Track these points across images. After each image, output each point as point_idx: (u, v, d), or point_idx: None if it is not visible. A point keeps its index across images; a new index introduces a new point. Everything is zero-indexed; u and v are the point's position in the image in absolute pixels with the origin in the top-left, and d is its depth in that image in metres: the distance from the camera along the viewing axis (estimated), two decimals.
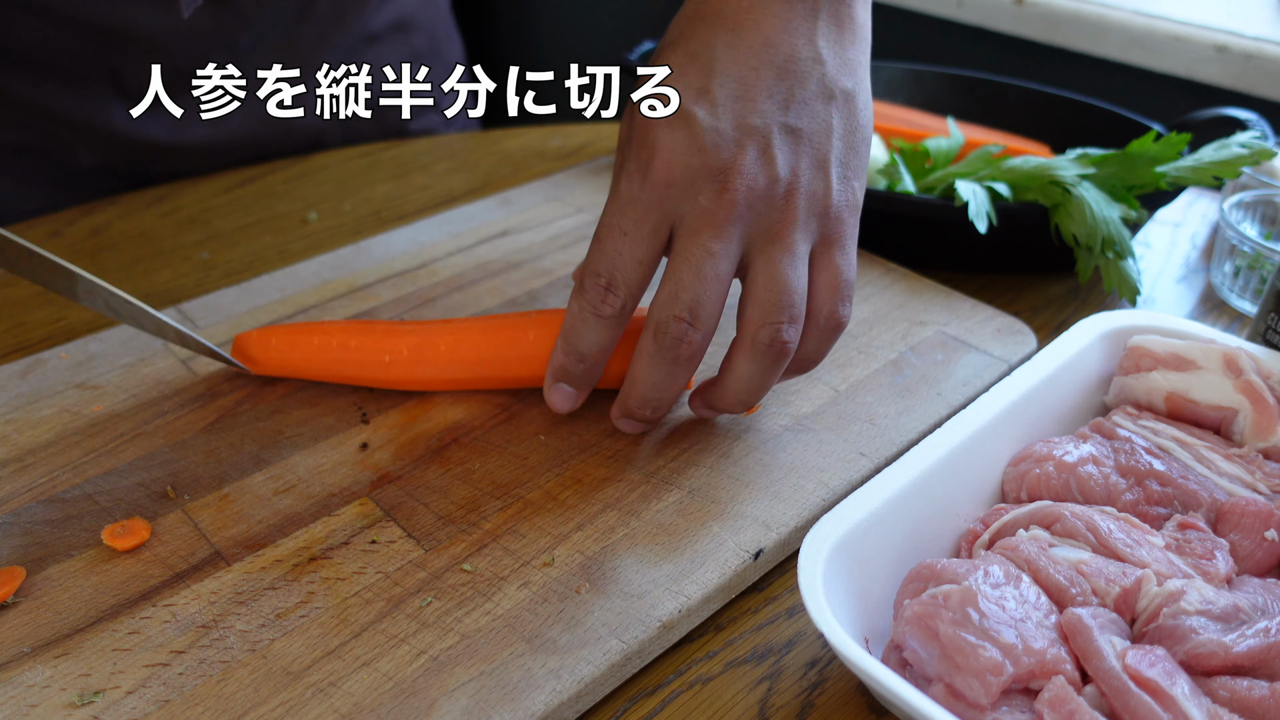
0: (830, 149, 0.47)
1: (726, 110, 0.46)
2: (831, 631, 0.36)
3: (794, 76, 0.47)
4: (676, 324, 0.45)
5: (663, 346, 0.46)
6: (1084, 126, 0.81)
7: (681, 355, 0.46)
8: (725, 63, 0.47)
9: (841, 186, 0.47)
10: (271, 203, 0.79)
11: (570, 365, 0.49)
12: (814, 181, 0.46)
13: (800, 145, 0.46)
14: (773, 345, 0.46)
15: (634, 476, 0.50)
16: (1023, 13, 1.08)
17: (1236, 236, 0.67)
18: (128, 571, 0.44)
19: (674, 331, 0.45)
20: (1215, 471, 0.47)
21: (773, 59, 0.47)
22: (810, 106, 0.47)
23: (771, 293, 0.46)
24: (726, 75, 0.46)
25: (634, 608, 0.43)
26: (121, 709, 0.38)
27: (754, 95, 0.46)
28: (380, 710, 0.38)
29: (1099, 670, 0.37)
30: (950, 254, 0.70)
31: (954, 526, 0.46)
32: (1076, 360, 0.52)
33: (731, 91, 0.46)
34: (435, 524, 0.47)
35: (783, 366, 0.47)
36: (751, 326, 0.46)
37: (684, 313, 0.45)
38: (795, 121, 0.46)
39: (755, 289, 0.46)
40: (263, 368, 0.55)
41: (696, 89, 0.46)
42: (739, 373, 0.47)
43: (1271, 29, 0.99)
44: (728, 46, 0.47)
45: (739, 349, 0.47)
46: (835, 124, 0.48)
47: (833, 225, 0.47)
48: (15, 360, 0.58)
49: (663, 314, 0.46)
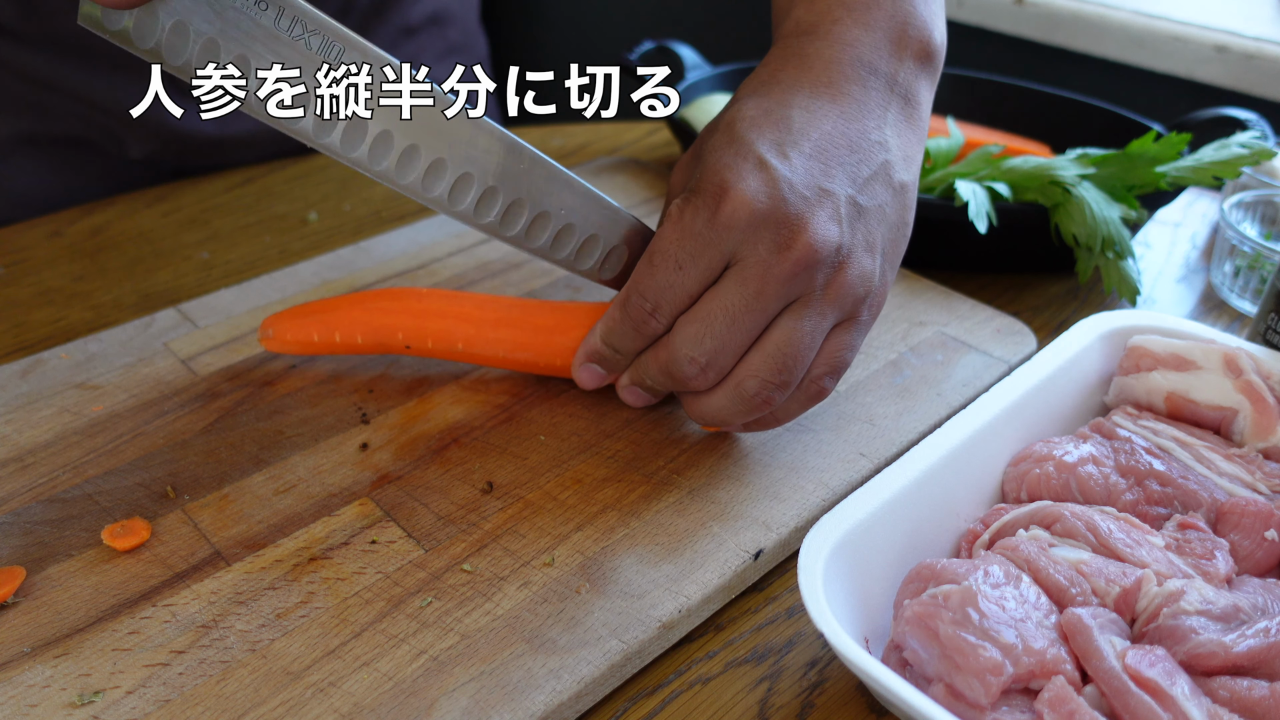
0: (881, 235, 0.47)
1: (802, 168, 0.45)
2: (831, 631, 0.36)
3: (862, 154, 0.47)
4: (691, 365, 0.45)
5: (671, 375, 0.47)
6: (1084, 126, 0.81)
7: (686, 387, 0.47)
8: (802, 125, 0.47)
9: (882, 275, 0.47)
10: (271, 203, 0.79)
11: (605, 355, 0.49)
12: (864, 260, 0.46)
13: (862, 221, 0.46)
14: (756, 397, 0.46)
15: (634, 477, 0.50)
16: (1023, 13, 1.08)
17: (1236, 236, 0.67)
18: (128, 571, 0.44)
19: (687, 368, 0.46)
20: (1215, 471, 0.47)
21: (846, 133, 0.47)
22: (873, 188, 0.47)
23: (782, 352, 0.45)
24: (803, 136, 0.46)
25: (634, 608, 0.43)
26: (121, 709, 0.38)
27: (828, 161, 0.46)
28: (380, 710, 0.38)
29: (1099, 670, 0.37)
30: (950, 254, 0.70)
31: (954, 526, 0.46)
32: (1076, 360, 0.52)
33: (808, 152, 0.46)
34: (435, 524, 0.47)
35: (756, 414, 0.47)
36: (746, 370, 0.46)
37: (702, 357, 0.45)
38: (860, 197, 0.46)
39: (769, 340, 0.45)
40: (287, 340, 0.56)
41: (774, 141, 0.46)
42: (713, 402, 0.47)
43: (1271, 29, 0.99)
44: (805, 111, 0.47)
45: (727, 384, 0.46)
46: (890, 213, 0.48)
47: (862, 309, 0.47)
48: (15, 360, 0.58)
49: (681, 350, 0.45)
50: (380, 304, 0.54)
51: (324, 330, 0.55)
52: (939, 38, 0.52)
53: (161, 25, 0.40)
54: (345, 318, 0.55)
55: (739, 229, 0.44)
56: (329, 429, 0.53)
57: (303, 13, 0.42)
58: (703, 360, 0.45)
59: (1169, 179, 0.66)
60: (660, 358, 0.47)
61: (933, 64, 0.52)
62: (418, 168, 0.46)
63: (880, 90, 0.49)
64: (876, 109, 0.49)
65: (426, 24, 0.93)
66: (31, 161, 0.81)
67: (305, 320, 0.55)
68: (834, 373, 0.48)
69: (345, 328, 0.54)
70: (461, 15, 0.98)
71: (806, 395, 0.48)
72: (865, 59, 0.49)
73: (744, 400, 0.46)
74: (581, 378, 0.51)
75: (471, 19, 1.00)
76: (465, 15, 0.99)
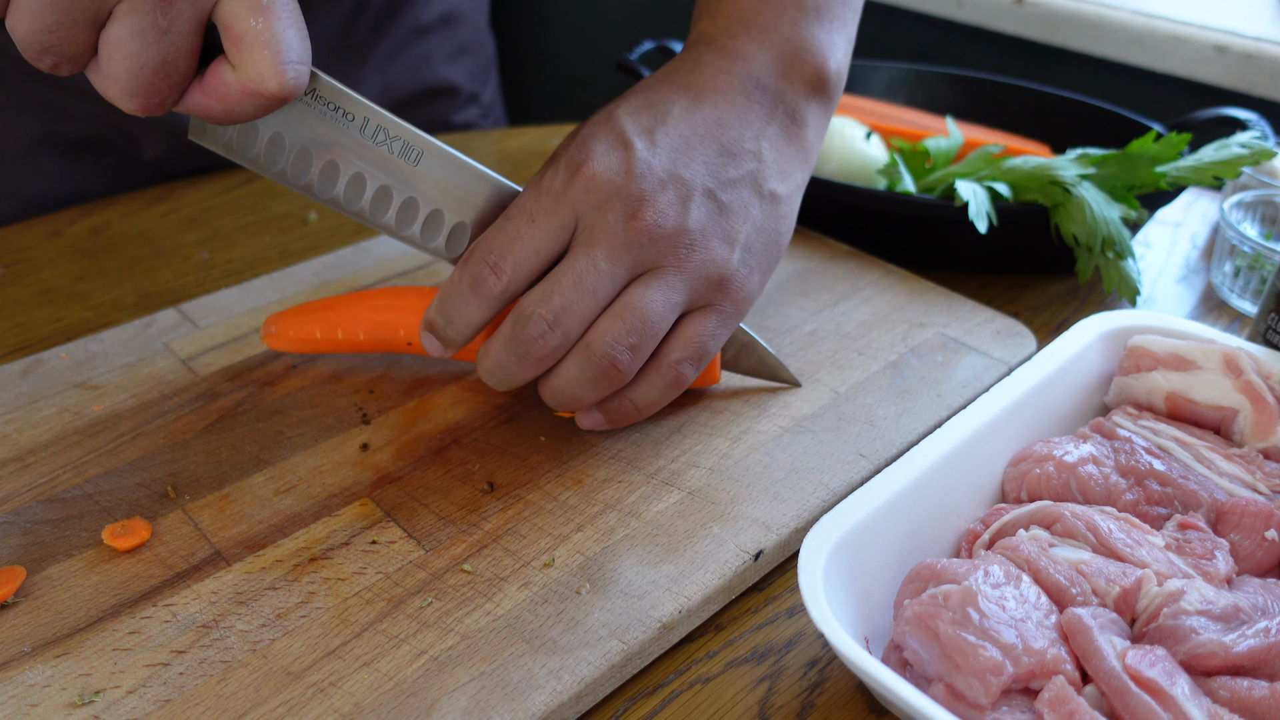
0: (744, 232, 0.49)
1: (663, 154, 0.48)
2: (831, 631, 0.36)
3: (732, 158, 0.49)
4: (538, 321, 0.46)
5: (517, 337, 0.46)
6: (1084, 126, 0.81)
7: (532, 352, 0.46)
8: (676, 120, 0.49)
9: (744, 270, 0.49)
10: (271, 203, 0.79)
11: (438, 326, 0.49)
12: (719, 248, 0.48)
13: (721, 215, 0.48)
14: (604, 358, 0.46)
15: (634, 478, 0.50)
16: (1023, 13, 1.08)
17: (1236, 236, 0.67)
18: (128, 571, 0.44)
19: (532, 328, 0.46)
20: (1215, 471, 0.47)
21: (719, 135, 0.50)
22: (739, 189, 0.49)
23: (628, 314, 0.46)
24: (674, 129, 0.49)
25: (634, 608, 0.43)
26: (122, 709, 0.38)
27: (692, 153, 0.48)
28: (380, 710, 0.38)
29: (1099, 670, 0.37)
30: (950, 254, 0.70)
31: (954, 526, 0.46)
32: (1076, 360, 0.52)
33: (673, 143, 0.48)
34: (436, 524, 0.47)
35: (607, 388, 0.47)
36: (594, 334, 0.46)
37: (549, 313, 0.45)
38: (720, 193, 0.49)
39: (616, 306, 0.46)
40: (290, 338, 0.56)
41: (644, 128, 0.48)
42: (564, 373, 0.47)
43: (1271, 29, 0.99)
44: (684, 109, 0.50)
45: (575, 350, 0.47)
46: (756, 215, 0.50)
47: (720, 297, 0.48)
48: (15, 360, 0.58)
49: (529, 307, 0.46)
50: (382, 301, 0.55)
51: (326, 328, 0.55)
52: (834, 66, 0.54)
53: (261, 137, 0.46)
54: (347, 315, 0.55)
55: (593, 195, 0.46)
56: (329, 429, 0.53)
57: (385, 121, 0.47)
58: (549, 316, 0.45)
59: (1169, 179, 0.66)
60: (505, 325, 0.47)
61: (825, 91, 0.53)
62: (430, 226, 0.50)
63: (764, 105, 0.51)
64: (756, 121, 0.51)
65: (438, 24, 0.94)
66: (48, 163, 0.81)
67: (308, 318, 0.55)
68: (693, 358, 0.48)
69: (347, 325, 0.55)
70: (472, 16, 0.99)
71: (665, 381, 0.49)
72: (754, 75, 0.51)
73: (593, 364, 0.46)
74: (423, 343, 0.51)
75: (481, 20, 1.01)
76: (475, 16, 0.99)
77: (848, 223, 0.71)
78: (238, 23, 0.40)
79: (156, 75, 0.41)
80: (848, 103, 0.85)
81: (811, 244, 0.70)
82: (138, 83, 0.41)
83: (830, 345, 0.60)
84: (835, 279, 0.66)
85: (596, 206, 0.46)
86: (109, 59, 0.40)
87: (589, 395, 0.48)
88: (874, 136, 0.77)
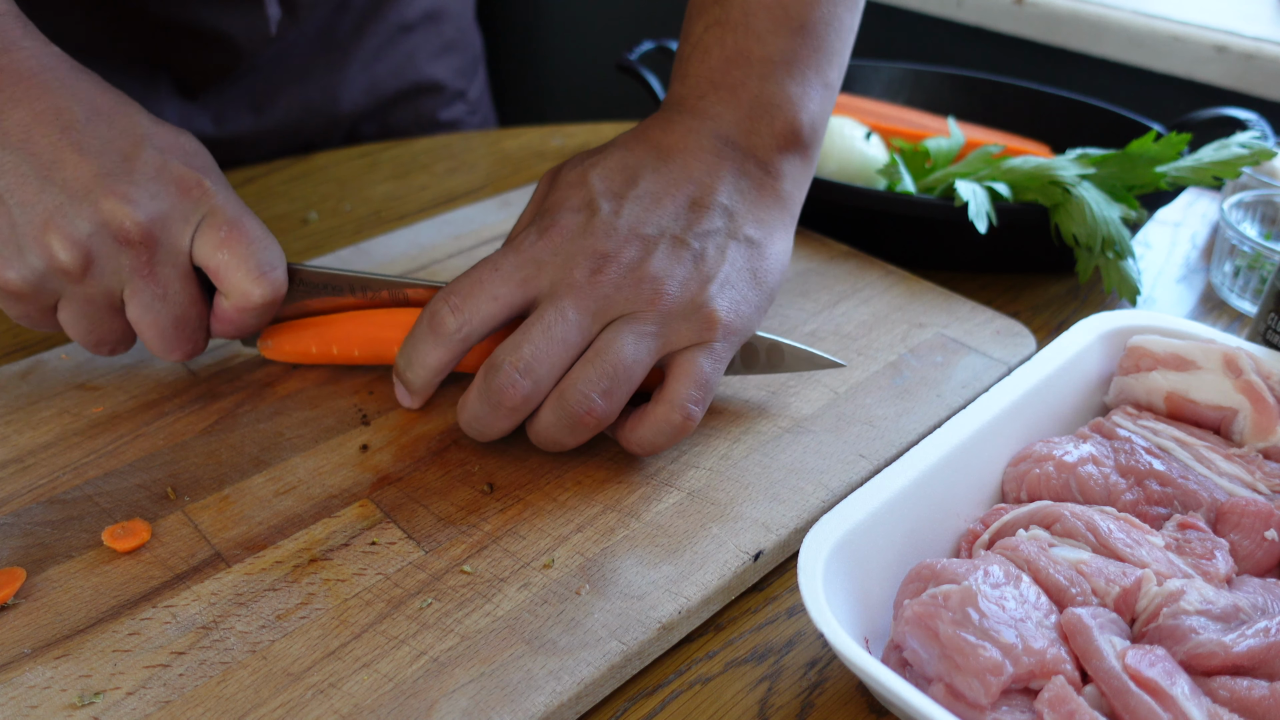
0: (721, 270, 0.49)
1: (629, 213, 0.49)
2: (831, 631, 0.36)
3: (702, 210, 0.50)
4: (509, 370, 0.46)
5: (490, 387, 0.47)
6: (1084, 126, 0.81)
7: (504, 402, 0.46)
8: (647, 181, 0.51)
9: (726, 304, 0.49)
10: (271, 203, 0.79)
11: (402, 371, 0.50)
12: (691, 287, 0.48)
13: (688, 257, 0.49)
14: (578, 404, 0.46)
15: (634, 478, 0.50)
16: (1023, 13, 1.08)
17: (1236, 236, 0.67)
18: (128, 573, 0.44)
19: (503, 377, 0.46)
20: (1215, 471, 0.47)
21: (689, 192, 0.51)
22: (712, 238, 0.50)
23: (599, 359, 0.46)
24: (644, 190, 0.50)
25: (634, 609, 0.43)
26: (122, 710, 0.38)
27: (660, 209, 0.50)
28: (380, 711, 0.38)
29: (1099, 670, 0.37)
30: (950, 254, 0.70)
31: (954, 526, 0.46)
32: (1076, 360, 0.52)
33: (642, 201, 0.50)
34: (435, 525, 0.47)
35: (585, 432, 0.48)
36: (568, 381, 0.47)
37: (519, 362, 0.46)
38: (689, 239, 0.49)
39: (589, 352, 0.47)
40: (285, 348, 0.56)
41: (614, 191, 0.50)
42: (543, 420, 0.48)
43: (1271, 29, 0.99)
44: (653, 171, 0.51)
45: (550, 397, 0.47)
46: (734, 257, 0.50)
47: (705, 332, 0.48)
48: (15, 361, 0.58)
49: (500, 357, 0.47)
50: (378, 319, 0.54)
51: (322, 344, 0.55)
52: (805, 119, 0.54)
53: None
54: (343, 332, 0.55)
55: (559, 256, 0.48)
56: (329, 430, 0.53)
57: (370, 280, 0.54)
58: (519, 364, 0.46)
59: (1169, 179, 0.66)
60: (479, 377, 0.47)
61: (798, 142, 0.54)
62: None
63: (733, 161, 0.52)
64: (728, 176, 0.52)
65: (423, 20, 0.94)
66: None
67: (303, 333, 0.55)
68: (697, 398, 0.48)
69: (342, 342, 0.55)
70: (457, 12, 0.98)
71: (674, 426, 0.48)
72: (723, 133, 0.53)
73: (566, 410, 0.46)
74: (397, 393, 0.52)
75: (467, 16, 1.01)
76: (461, 12, 0.99)
77: (848, 223, 0.71)
78: (210, 260, 0.49)
79: (178, 329, 0.50)
80: (848, 103, 0.85)
81: (811, 244, 0.70)
82: (167, 340, 0.50)
83: (830, 345, 0.60)
84: (835, 279, 0.66)
85: (563, 265, 0.48)
86: (140, 332, 0.50)
87: (569, 440, 0.48)
88: (874, 136, 0.77)
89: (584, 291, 0.47)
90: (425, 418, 0.54)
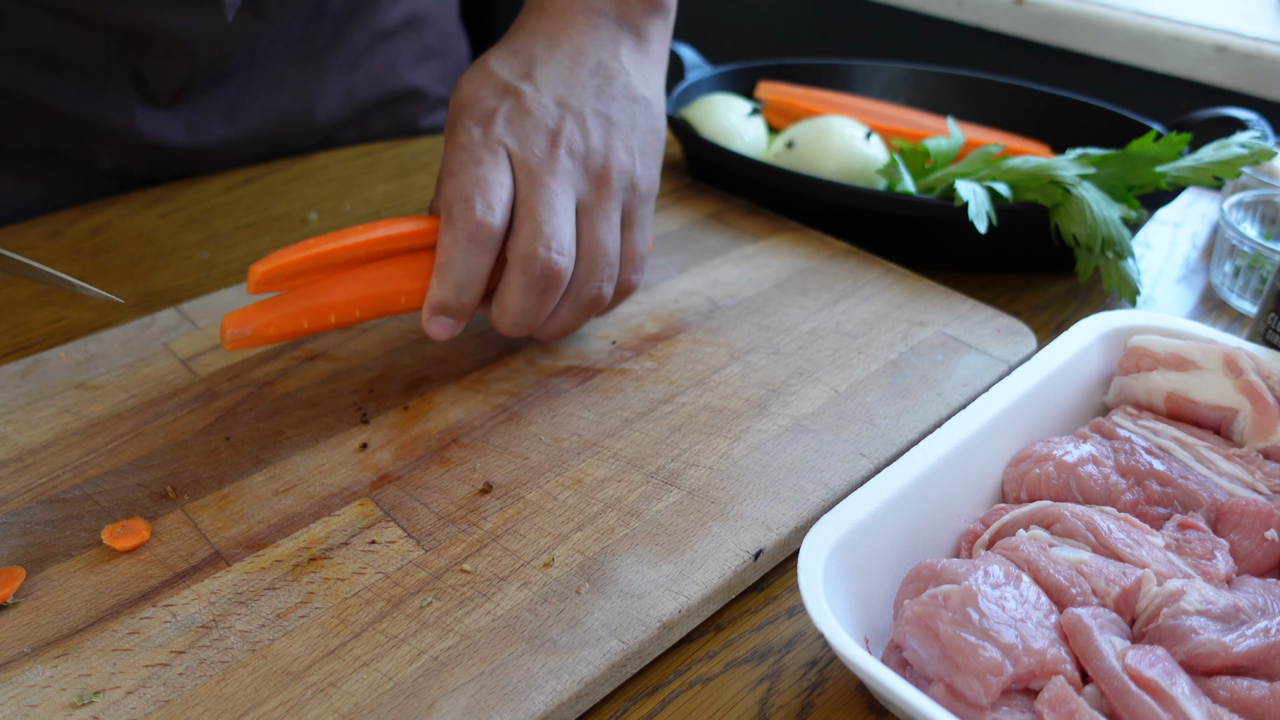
0: (635, 140, 0.55)
1: (548, 89, 0.54)
2: (831, 631, 0.36)
3: (604, 76, 0.56)
4: (545, 254, 0.49)
5: (532, 278, 0.50)
6: (1084, 126, 0.81)
7: (551, 284, 0.51)
8: (543, 60, 0.55)
9: (644, 171, 0.55)
10: (271, 203, 0.79)
11: (450, 300, 0.51)
12: (624, 160, 0.54)
13: (611, 129, 0.54)
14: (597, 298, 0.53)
15: (634, 477, 0.50)
16: (1023, 13, 1.08)
17: (1236, 236, 0.67)
18: (128, 571, 0.44)
19: (542, 262, 0.49)
20: (1215, 471, 0.47)
21: (585, 61, 0.56)
22: (619, 102, 0.55)
23: (594, 254, 0.52)
24: (545, 66, 0.55)
25: (634, 608, 0.43)
26: (121, 709, 0.38)
27: (571, 82, 0.55)
28: (380, 710, 0.38)
29: (1099, 670, 0.37)
30: (950, 255, 0.70)
31: (954, 526, 0.46)
32: (1076, 360, 0.52)
33: (551, 76, 0.54)
34: (435, 524, 0.47)
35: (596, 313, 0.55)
36: (578, 283, 0.52)
37: (549, 243, 0.50)
38: (606, 110, 0.55)
39: (580, 249, 0.52)
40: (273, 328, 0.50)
41: (520, 73, 0.54)
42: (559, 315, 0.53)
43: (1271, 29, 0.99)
44: (545, 50, 0.56)
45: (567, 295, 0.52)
46: (638, 120, 0.56)
47: (637, 202, 0.55)
48: (15, 360, 0.58)
49: (529, 248, 0.50)
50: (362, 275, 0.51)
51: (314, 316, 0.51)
52: None
53: None
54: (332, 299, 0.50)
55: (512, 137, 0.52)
56: (329, 429, 0.53)
57: None
58: (552, 245, 0.50)
59: (1169, 179, 0.66)
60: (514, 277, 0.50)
61: (661, 6, 0.61)
62: None
63: (609, 29, 0.58)
64: (609, 43, 0.57)
65: (402, 27, 0.92)
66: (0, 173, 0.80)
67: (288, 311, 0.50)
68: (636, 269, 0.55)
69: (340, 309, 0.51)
70: (439, 18, 0.96)
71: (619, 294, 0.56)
72: (593, 6, 0.58)
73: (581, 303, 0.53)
74: (432, 330, 0.52)
75: (450, 21, 0.99)
76: (443, 18, 0.97)
77: (848, 223, 0.71)
78: None
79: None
80: (848, 103, 0.85)
81: (811, 243, 0.70)
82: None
83: (830, 344, 0.60)
84: (835, 278, 0.66)
85: (520, 145, 0.51)
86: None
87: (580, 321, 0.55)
88: (874, 136, 0.77)
89: (552, 166, 0.51)
90: (425, 416, 0.54)
